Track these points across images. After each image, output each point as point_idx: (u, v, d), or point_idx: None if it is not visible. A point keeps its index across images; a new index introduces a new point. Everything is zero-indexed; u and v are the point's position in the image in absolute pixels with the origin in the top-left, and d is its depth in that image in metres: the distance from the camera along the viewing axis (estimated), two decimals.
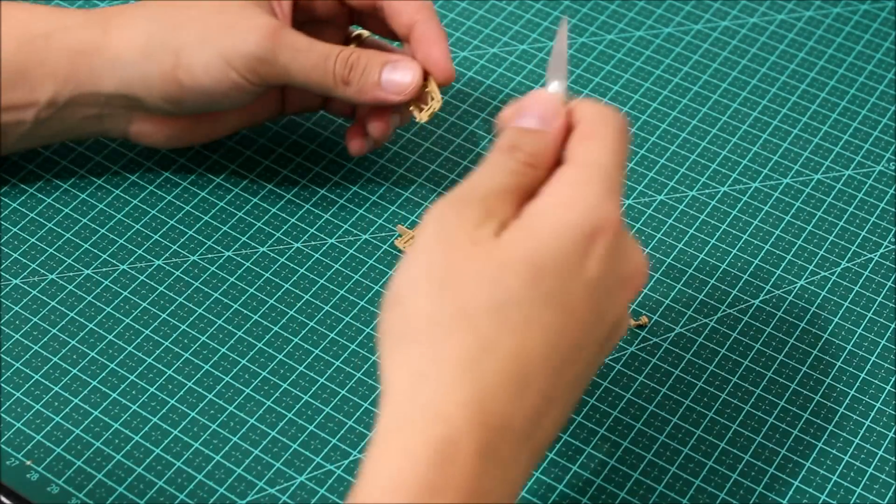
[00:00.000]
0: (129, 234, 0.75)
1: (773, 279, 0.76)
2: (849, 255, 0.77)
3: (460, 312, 0.53)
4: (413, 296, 0.54)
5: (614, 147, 0.57)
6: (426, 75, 0.72)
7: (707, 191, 0.80)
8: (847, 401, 0.71)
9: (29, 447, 0.67)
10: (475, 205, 0.55)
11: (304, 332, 0.72)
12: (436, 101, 0.72)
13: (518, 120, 0.58)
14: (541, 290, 0.53)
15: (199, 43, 0.68)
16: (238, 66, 0.68)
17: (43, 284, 0.73)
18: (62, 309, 0.72)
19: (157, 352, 0.71)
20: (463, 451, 0.51)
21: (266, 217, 0.77)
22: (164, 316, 0.72)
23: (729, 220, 0.79)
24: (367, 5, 0.73)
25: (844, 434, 0.70)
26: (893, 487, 0.68)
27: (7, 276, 0.73)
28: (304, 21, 0.74)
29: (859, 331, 0.74)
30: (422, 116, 0.72)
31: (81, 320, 0.72)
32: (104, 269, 0.74)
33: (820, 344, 0.73)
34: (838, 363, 0.73)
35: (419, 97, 0.72)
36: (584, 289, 0.54)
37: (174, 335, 0.71)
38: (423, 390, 0.52)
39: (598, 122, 0.57)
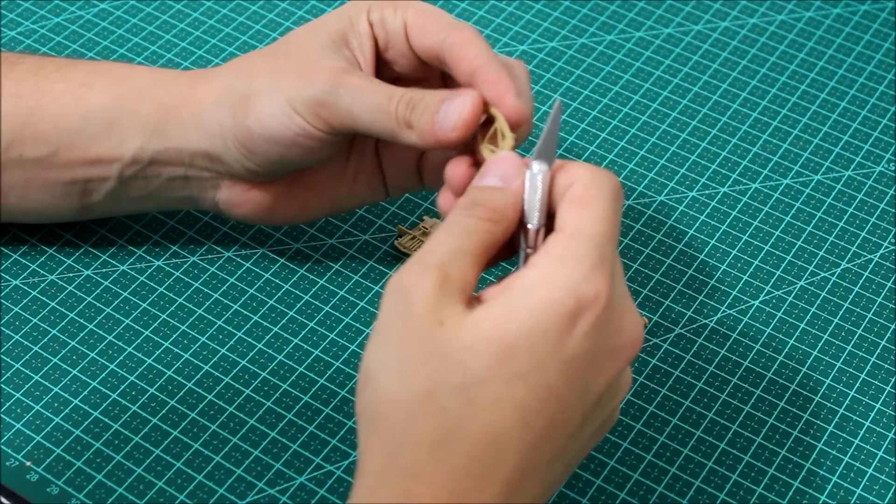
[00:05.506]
0: (129, 234, 0.75)
1: (773, 280, 0.76)
2: (849, 255, 0.77)
3: (428, 394, 0.52)
4: (383, 376, 0.53)
5: (607, 215, 0.55)
6: (489, 109, 0.62)
7: (707, 192, 0.80)
8: (847, 402, 0.71)
9: (29, 448, 0.67)
10: (431, 271, 0.53)
11: (304, 332, 0.72)
12: (508, 139, 0.60)
13: (479, 180, 0.57)
14: (510, 369, 0.52)
15: (269, 90, 0.65)
16: (301, 111, 0.64)
17: (43, 285, 0.73)
18: (62, 310, 0.72)
19: (157, 352, 0.71)
20: None
21: None
22: (164, 316, 0.72)
23: (729, 220, 0.79)
24: (433, 58, 0.65)
25: (844, 435, 0.70)
26: (893, 488, 0.68)
27: (7, 276, 0.73)
28: (393, 80, 0.65)
29: (859, 332, 0.74)
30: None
31: (81, 321, 0.72)
32: (104, 270, 0.74)
33: (820, 344, 0.73)
34: (838, 364, 0.73)
35: (493, 139, 0.61)
36: (562, 366, 0.53)
37: (174, 336, 0.71)
38: (395, 472, 0.52)
39: (592, 186, 0.56)
